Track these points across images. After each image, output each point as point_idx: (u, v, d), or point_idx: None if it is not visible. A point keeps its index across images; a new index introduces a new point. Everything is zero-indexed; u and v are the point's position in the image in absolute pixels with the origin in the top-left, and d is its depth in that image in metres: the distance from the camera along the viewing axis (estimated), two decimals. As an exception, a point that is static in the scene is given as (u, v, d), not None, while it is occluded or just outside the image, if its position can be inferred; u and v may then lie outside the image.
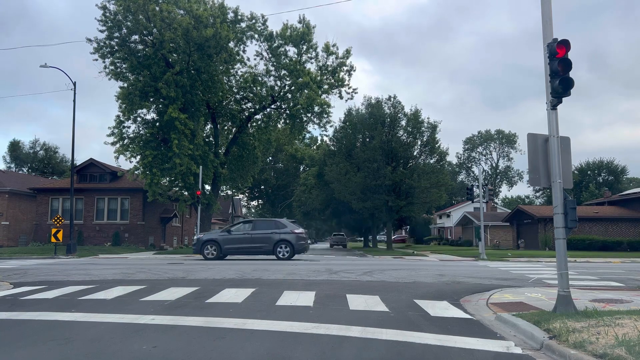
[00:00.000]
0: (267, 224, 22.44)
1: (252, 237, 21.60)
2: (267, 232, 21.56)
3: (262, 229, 21.85)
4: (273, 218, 29.37)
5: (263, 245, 21.40)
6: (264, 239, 21.42)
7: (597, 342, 4.64)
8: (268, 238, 21.40)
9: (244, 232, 21.80)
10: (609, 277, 13.24)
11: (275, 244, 21.27)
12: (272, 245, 21.28)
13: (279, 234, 21.42)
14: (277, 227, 21.72)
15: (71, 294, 9.00)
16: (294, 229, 21.78)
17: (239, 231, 21.93)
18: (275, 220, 22.86)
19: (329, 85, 34.99)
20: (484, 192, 26.94)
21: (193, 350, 4.91)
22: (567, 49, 6.40)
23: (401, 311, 7.18)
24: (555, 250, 6.61)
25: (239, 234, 21.77)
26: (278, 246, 21.24)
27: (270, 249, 21.32)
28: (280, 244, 21.26)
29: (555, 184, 6.51)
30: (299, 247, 21.56)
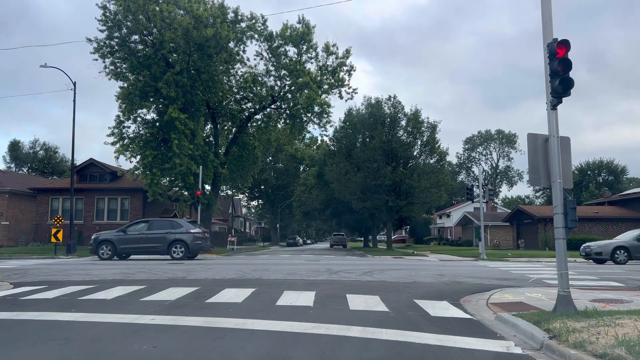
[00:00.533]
0: (163, 223, 22.18)
1: (147, 237, 21.26)
2: (162, 232, 21.25)
3: (157, 228, 21.52)
4: (171, 218, 28.86)
5: (158, 245, 21.10)
6: (159, 239, 21.11)
7: (597, 342, 4.64)
8: (163, 238, 21.10)
9: (140, 232, 21.43)
10: (608, 277, 13.24)
11: (170, 244, 20.96)
12: (166, 245, 20.97)
13: (174, 233, 21.13)
14: (172, 227, 21.49)
15: (71, 294, 9.00)
16: (189, 228, 21.48)
17: (135, 231, 21.53)
18: (172, 220, 22.83)
19: (329, 85, 35.01)
20: (484, 192, 26.94)
21: (193, 350, 4.91)
22: (567, 49, 6.40)
23: (401, 311, 7.17)
24: (555, 250, 6.61)
25: (134, 233, 21.40)
26: (173, 246, 20.95)
27: (164, 249, 21.01)
28: (175, 243, 20.97)
29: (555, 184, 6.51)
30: (195, 247, 21.28)
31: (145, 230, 21.51)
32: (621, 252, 20.60)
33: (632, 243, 20.90)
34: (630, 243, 20.92)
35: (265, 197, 73.75)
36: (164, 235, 21.18)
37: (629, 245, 20.78)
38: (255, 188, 69.43)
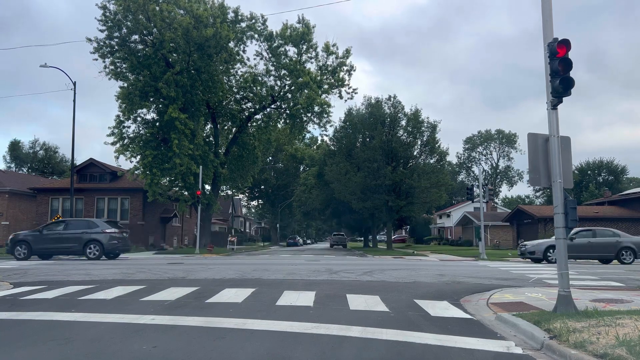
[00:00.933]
0: (79, 223, 22.12)
1: (62, 237, 21.16)
2: (77, 232, 21.16)
3: (73, 228, 21.45)
4: (88, 218, 28.67)
5: (73, 245, 21.03)
6: (74, 239, 21.02)
7: (598, 342, 4.63)
8: (78, 238, 21.01)
9: (55, 232, 21.35)
10: (609, 277, 13.24)
11: (85, 244, 20.90)
12: (82, 245, 20.91)
13: (90, 233, 21.07)
14: (88, 227, 21.44)
15: (71, 294, 8.99)
16: (105, 228, 21.40)
17: (51, 231, 21.45)
18: (88, 220, 22.82)
19: (329, 85, 35.01)
20: (484, 192, 26.94)
21: (193, 350, 4.90)
22: (567, 48, 6.39)
23: (401, 311, 7.17)
24: (556, 250, 6.60)
25: (50, 233, 21.31)
26: (88, 246, 20.90)
27: (80, 249, 20.97)
28: (90, 243, 20.91)
29: (555, 183, 6.50)
30: (110, 247, 21.23)
31: (62, 230, 21.43)
32: (554, 252, 20.82)
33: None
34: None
35: (265, 197, 73.74)
36: (80, 236, 21.08)
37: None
38: (255, 188, 69.43)
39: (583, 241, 21.02)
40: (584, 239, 21.13)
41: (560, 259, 6.53)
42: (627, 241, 20.88)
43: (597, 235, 21.36)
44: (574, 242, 20.90)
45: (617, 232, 21.77)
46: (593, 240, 21.06)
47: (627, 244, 20.62)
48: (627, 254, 20.33)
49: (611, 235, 21.39)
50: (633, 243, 20.73)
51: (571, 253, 20.65)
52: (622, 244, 20.54)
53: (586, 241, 21.03)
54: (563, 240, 6.49)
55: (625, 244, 20.50)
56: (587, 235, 21.42)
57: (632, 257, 20.43)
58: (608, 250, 20.79)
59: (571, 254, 20.72)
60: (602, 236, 21.34)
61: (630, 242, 20.84)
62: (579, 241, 21.02)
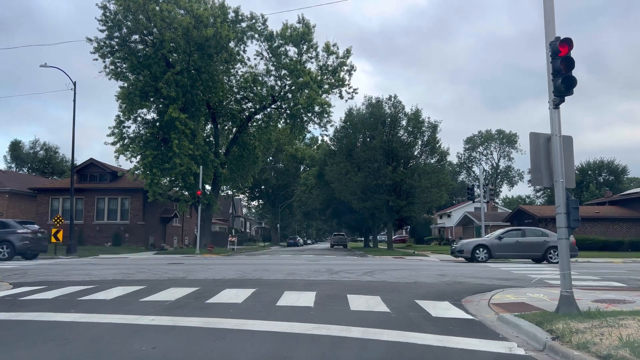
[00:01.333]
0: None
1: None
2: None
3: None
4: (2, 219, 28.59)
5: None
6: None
7: (601, 343, 4.59)
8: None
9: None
10: (610, 277, 13.19)
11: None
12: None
13: (0, 234, 20.81)
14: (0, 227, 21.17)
15: (71, 294, 8.97)
16: (17, 228, 21.14)
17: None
18: (1, 221, 22.51)
19: (330, 85, 34.97)
20: (484, 192, 26.90)
21: (193, 351, 4.87)
22: (569, 47, 6.35)
23: (402, 312, 7.13)
24: (558, 250, 6.56)
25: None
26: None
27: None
28: (1, 244, 20.67)
29: (557, 183, 6.46)
30: (22, 247, 20.97)
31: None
32: (481, 251, 21.10)
33: (492, 242, 21.42)
34: (491, 242, 21.45)
35: (266, 197, 73.74)
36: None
37: (489, 244, 21.30)
38: (256, 188, 69.42)
39: (511, 240, 21.24)
40: (512, 239, 21.36)
41: (562, 259, 6.49)
42: (555, 240, 20.82)
43: (527, 235, 21.60)
44: (502, 242, 21.20)
45: (546, 232, 21.95)
46: (521, 240, 21.25)
47: (554, 243, 20.53)
48: (554, 254, 20.29)
49: (540, 234, 21.62)
50: None
51: (499, 252, 21.17)
52: (550, 243, 20.57)
53: (514, 240, 21.27)
54: (565, 241, 6.45)
55: (553, 243, 20.31)
56: (516, 234, 21.69)
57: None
58: (536, 250, 20.95)
59: (499, 253, 21.20)
60: (531, 236, 21.58)
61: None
62: (507, 240, 21.27)
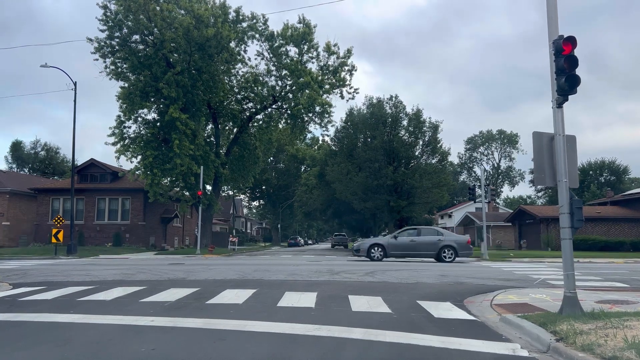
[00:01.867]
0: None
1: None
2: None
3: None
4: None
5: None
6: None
7: (606, 345, 4.53)
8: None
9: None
10: (613, 277, 13.13)
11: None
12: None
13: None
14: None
15: (70, 294, 8.93)
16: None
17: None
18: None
19: (330, 85, 34.89)
20: (486, 192, 26.83)
21: (193, 352, 4.83)
22: (573, 46, 6.29)
23: (404, 312, 7.08)
24: (562, 251, 6.49)
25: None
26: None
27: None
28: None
29: (561, 183, 6.40)
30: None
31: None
32: (377, 250, 21.36)
33: (388, 241, 21.70)
34: (387, 241, 21.75)
35: (267, 197, 73.70)
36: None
37: (384, 243, 21.58)
38: (257, 188, 69.37)
39: (406, 240, 21.47)
40: (407, 238, 21.59)
41: (566, 259, 6.43)
42: (448, 240, 21.38)
43: (422, 234, 21.85)
44: (397, 241, 21.41)
45: (441, 231, 22.39)
46: (416, 239, 21.49)
47: (448, 242, 21.12)
48: (448, 252, 20.81)
49: (435, 234, 21.97)
50: (454, 242, 21.33)
51: (394, 251, 21.39)
52: (443, 242, 21.03)
53: (409, 240, 21.48)
54: (569, 241, 6.39)
55: (446, 242, 20.98)
56: (412, 234, 21.94)
57: (452, 256, 20.93)
58: (430, 249, 21.19)
59: (394, 252, 21.42)
60: (426, 235, 21.84)
61: (452, 240, 21.40)
62: (402, 240, 21.49)
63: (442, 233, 22.00)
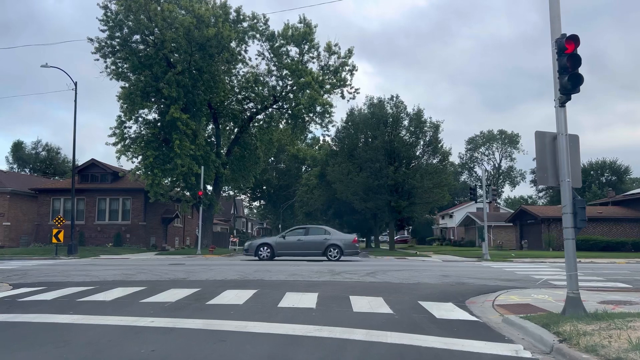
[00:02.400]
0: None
1: None
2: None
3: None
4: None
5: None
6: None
7: (610, 346, 4.49)
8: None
9: None
10: (615, 278, 13.08)
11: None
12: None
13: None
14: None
15: (70, 295, 8.90)
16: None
17: None
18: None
19: (331, 85, 34.82)
20: (487, 192, 26.78)
21: (192, 353, 4.79)
22: (576, 44, 6.24)
23: (405, 313, 7.04)
24: (564, 251, 6.45)
25: None
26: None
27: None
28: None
29: (564, 182, 6.36)
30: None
31: None
32: (264, 249, 21.53)
33: (276, 240, 21.95)
34: (275, 240, 21.99)
35: (267, 197, 73.62)
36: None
37: (272, 243, 21.79)
38: (257, 188, 69.29)
39: (294, 239, 21.67)
40: (294, 237, 21.79)
41: (568, 260, 6.38)
42: (334, 239, 21.70)
43: (309, 234, 22.11)
44: (286, 240, 21.65)
45: (328, 230, 22.65)
46: (303, 238, 21.71)
47: (334, 241, 21.47)
48: (334, 251, 21.22)
49: (322, 233, 22.25)
50: (340, 241, 21.61)
51: (281, 251, 21.56)
52: (330, 241, 21.46)
53: (296, 239, 21.67)
54: (572, 241, 6.34)
55: (333, 241, 21.41)
56: (300, 233, 22.19)
57: (338, 254, 21.22)
58: (317, 247, 21.46)
59: (282, 252, 21.59)
60: (313, 234, 22.09)
61: (338, 240, 21.68)
62: (290, 239, 21.70)
63: (330, 232, 22.35)
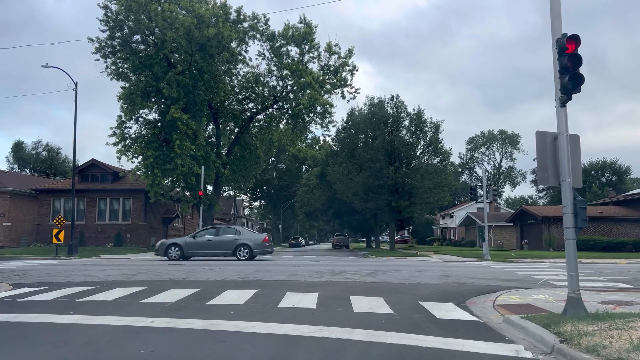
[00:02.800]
0: None
1: None
2: None
3: None
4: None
5: None
6: None
7: (611, 347, 4.48)
8: None
9: None
10: (615, 278, 13.06)
11: None
12: None
13: None
14: None
15: (70, 295, 8.89)
16: None
17: None
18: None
19: (331, 85, 34.81)
20: (487, 192, 26.76)
21: (193, 354, 4.78)
22: (577, 44, 6.23)
23: (406, 313, 7.03)
24: (565, 251, 6.43)
25: None
26: None
27: None
28: None
29: (564, 182, 6.34)
30: None
31: None
32: (174, 249, 21.46)
33: (186, 241, 21.89)
34: (185, 241, 21.92)
35: (268, 197, 73.63)
36: None
37: (182, 243, 21.71)
38: (258, 189, 69.30)
39: (204, 239, 21.65)
40: (204, 237, 21.76)
41: (569, 260, 6.37)
42: (244, 238, 21.72)
43: (220, 234, 22.14)
44: (196, 240, 21.63)
45: (239, 230, 22.65)
46: (213, 238, 21.73)
47: (244, 241, 21.47)
48: (243, 251, 21.20)
49: (233, 233, 22.27)
50: (250, 240, 21.63)
51: (191, 251, 21.52)
52: (239, 241, 21.45)
53: (206, 239, 21.66)
54: (572, 241, 6.33)
55: (243, 241, 21.39)
56: (210, 233, 22.17)
57: (248, 254, 21.24)
58: (226, 247, 21.47)
59: (191, 252, 21.55)
60: (223, 234, 22.11)
61: (248, 239, 21.70)
62: (200, 239, 21.68)
63: (240, 232, 22.37)
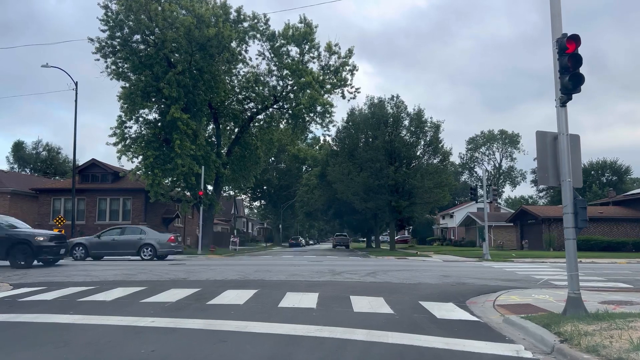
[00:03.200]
0: None
1: None
2: None
3: None
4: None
5: None
6: None
7: (611, 346, 4.47)
8: None
9: None
10: (616, 278, 13.06)
11: None
12: None
13: None
14: None
15: (70, 295, 8.88)
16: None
17: None
18: None
19: (332, 85, 34.83)
20: (487, 192, 26.76)
21: (193, 354, 4.78)
22: (577, 44, 6.22)
23: (406, 313, 7.03)
24: (565, 251, 6.43)
25: None
26: None
27: None
28: None
29: (564, 182, 6.34)
30: None
31: None
32: (79, 249, 21.54)
33: (91, 240, 21.99)
34: (89, 240, 22.02)
35: (268, 197, 73.65)
36: None
37: (86, 242, 21.81)
38: (258, 188, 69.32)
39: (108, 239, 21.75)
40: (109, 237, 21.84)
41: (569, 260, 6.37)
42: (149, 238, 21.87)
43: (125, 233, 22.25)
44: (100, 240, 21.72)
45: (145, 230, 22.73)
46: (118, 238, 21.83)
47: (148, 241, 21.66)
48: (147, 251, 21.43)
49: (138, 232, 22.40)
50: (154, 240, 21.76)
51: (96, 250, 21.57)
52: (144, 241, 21.73)
53: (111, 239, 21.75)
54: (573, 241, 6.33)
55: (147, 241, 21.62)
56: (115, 233, 22.27)
57: (152, 253, 21.35)
58: (131, 247, 21.62)
59: (96, 252, 21.61)
60: (129, 234, 22.21)
61: (152, 239, 21.82)
62: (105, 239, 21.78)
63: (145, 232, 22.45)
